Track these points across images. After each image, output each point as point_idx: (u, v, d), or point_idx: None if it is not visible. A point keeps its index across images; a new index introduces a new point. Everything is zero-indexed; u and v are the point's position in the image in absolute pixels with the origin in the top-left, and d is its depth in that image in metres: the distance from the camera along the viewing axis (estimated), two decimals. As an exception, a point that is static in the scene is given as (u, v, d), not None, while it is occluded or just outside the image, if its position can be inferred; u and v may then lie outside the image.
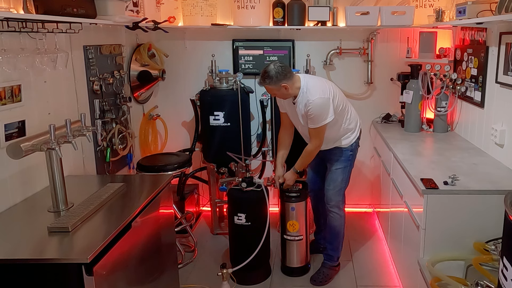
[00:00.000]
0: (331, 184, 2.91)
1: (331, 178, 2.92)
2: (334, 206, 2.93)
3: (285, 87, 2.59)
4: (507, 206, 1.47)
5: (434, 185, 2.19)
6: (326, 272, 3.00)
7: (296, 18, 3.51)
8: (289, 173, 2.92)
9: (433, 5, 3.35)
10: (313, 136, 2.72)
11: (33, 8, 2.00)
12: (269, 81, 2.58)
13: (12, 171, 2.00)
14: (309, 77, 2.76)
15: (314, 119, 2.62)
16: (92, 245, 1.58)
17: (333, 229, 2.98)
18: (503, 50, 2.52)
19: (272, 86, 2.59)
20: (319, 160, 2.97)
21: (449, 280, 1.91)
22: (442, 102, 3.33)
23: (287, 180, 2.92)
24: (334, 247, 3.02)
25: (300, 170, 2.89)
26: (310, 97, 2.59)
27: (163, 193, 2.28)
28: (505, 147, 2.54)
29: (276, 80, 2.56)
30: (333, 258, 3.03)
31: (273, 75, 2.56)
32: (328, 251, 3.04)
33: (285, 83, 2.58)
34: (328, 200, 2.94)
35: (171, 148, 3.76)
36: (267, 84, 2.60)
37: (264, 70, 2.60)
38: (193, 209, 3.84)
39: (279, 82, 2.57)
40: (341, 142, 2.85)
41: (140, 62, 3.44)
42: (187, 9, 3.49)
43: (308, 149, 2.79)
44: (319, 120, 2.63)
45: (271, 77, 2.56)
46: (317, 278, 2.97)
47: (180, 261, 3.16)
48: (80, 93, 2.62)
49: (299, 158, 2.84)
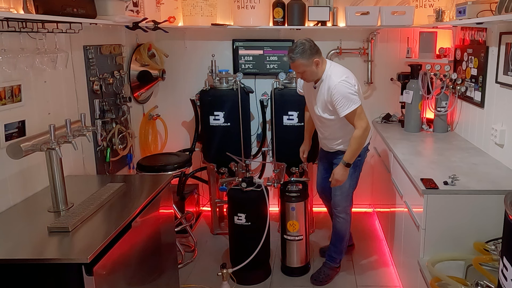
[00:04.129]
0: (338, 189, 2.84)
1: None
2: (342, 212, 2.89)
3: (317, 63, 2.52)
4: (507, 206, 1.46)
5: (434, 185, 2.19)
6: (327, 272, 2.99)
7: (296, 18, 3.51)
8: (339, 168, 2.66)
9: (433, 5, 3.35)
10: (355, 119, 2.54)
11: (33, 8, 2.00)
12: (302, 55, 2.47)
13: (12, 171, 2.00)
14: (334, 63, 2.70)
15: (343, 102, 2.49)
16: (92, 245, 1.58)
17: (339, 233, 2.96)
18: (503, 50, 2.52)
19: (304, 60, 2.49)
20: (328, 164, 2.95)
21: (449, 280, 1.91)
22: (442, 102, 3.33)
23: (338, 176, 2.66)
24: (338, 250, 3.00)
25: (351, 162, 2.64)
26: (333, 80, 2.52)
27: (163, 193, 2.28)
28: (505, 147, 2.54)
29: (310, 54, 2.49)
30: (336, 260, 3.02)
31: (308, 48, 2.48)
32: (331, 253, 3.02)
33: (317, 58, 2.52)
34: (336, 205, 2.90)
35: (171, 148, 3.76)
36: (299, 58, 2.48)
37: (296, 44, 2.51)
38: (193, 209, 3.84)
39: (312, 57, 2.50)
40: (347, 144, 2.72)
41: (140, 62, 3.44)
42: (187, 9, 3.49)
43: (355, 135, 2.56)
44: (349, 101, 2.49)
45: (305, 50, 2.47)
46: (317, 278, 2.97)
47: (180, 261, 3.16)
48: (80, 93, 2.62)
49: (347, 149, 2.64)
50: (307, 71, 2.55)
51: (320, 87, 2.62)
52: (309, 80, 2.63)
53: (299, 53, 2.49)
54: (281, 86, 3.45)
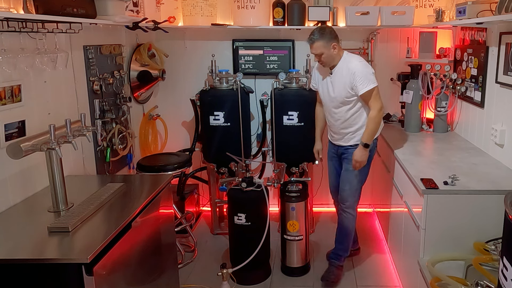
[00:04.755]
0: (347, 184, 2.87)
1: (347, 178, 2.87)
2: (349, 207, 2.90)
3: (334, 47, 2.66)
4: (507, 206, 1.47)
5: (434, 185, 2.19)
6: (335, 272, 2.97)
7: (296, 18, 3.51)
8: (358, 149, 2.74)
9: (433, 5, 3.35)
10: (371, 100, 2.67)
11: (33, 8, 2.00)
12: (323, 36, 2.63)
13: (12, 171, 2.00)
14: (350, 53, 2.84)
15: (363, 79, 2.63)
16: (92, 245, 1.58)
17: (345, 230, 2.95)
18: (503, 50, 2.52)
19: (324, 42, 2.63)
20: (340, 162, 2.96)
21: (449, 280, 1.91)
22: (442, 102, 3.33)
23: (358, 157, 2.73)
24: (344, 247, 2.99)
25: (369, 142, 2.71)
26: (353, 62, 2.68)
27: (163, 193, 2.28)
28: (505, 147, 2.54)
29: (329, 38, 2.64)
30: (341, 258, 3.01)
31: (328, 32, 2.65)
32: (337, 251, 3.00)
33: (335, 43, 2.66)
34: (344, 201, 2.90)
35: (171, 148, 3.76)
36: (319, 40, 2.64)
37: (319, 27, 2.71)
38: (193, 209, 3.84)
39: (331, 41, 2.65)
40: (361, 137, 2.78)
41: (140, 62, 3.44)
42: (187, 9, 3.49)
43: (371, 115, 2.70)
44: (368, 80, 2.64)
45: (326, 33, 2.64)
46: (329, 278, 2.94)
47: (180, 261, 3.16)
48: (80, 93, 2.62)
49: (364, 130, 2.73)
50: (325, 54, 2.67)
51: (337, 72, 2.74)
52: (326, 64, 2.74)
53: (319, 35, 2.64)
54: (281, 86, 3.45)
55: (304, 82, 3.45)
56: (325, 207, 4.05)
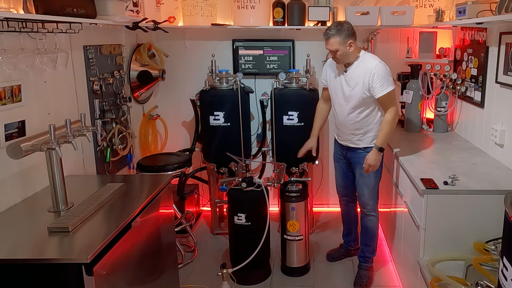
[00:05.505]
0: (365, 189, 2.81)
1: (364, 183, 2.81)
2: (372, 210, 2.87)
3: (350, 45, 2.56)
4: (507, 206, 1.47)
5: (434, 185, 2.19)
6: (367, 275, 2.96)
7: (296, 18, 3.51)
8: (372, 153, 2.66)
9: (433, 5, 3.35)
10: (388, 103, 2.60)
11: (33, 8, 2.00)
12: (339, 33, 2.53)
13: (12, 171, 2.00)
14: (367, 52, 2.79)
15: (383, 81, 2.55)
16: (92, 245, 1.58)
17: (371, 231, 2.93)
18: (503, 50, 2.52)
19: (341, 39, 2.53)
20: (347, 163, 2.92)
21: (449, 280, 1.91)
22: (442, 102, 3.33)
23: (371, 161, 2.66)
24: (371, 249, 2.98)
25: (384, 146, 2.66)
26: (372, 62, 2.60)
27: (163, 193, 2.28)
28: (505, 147, 2.54)
29: (347, 35, 2.54)
30: (370, 259, 3.00)
31: (346, 28, 2.55)
32: (365, 253, 2.98)
33: (352, 41, 2.57)
34: (365, 205, 2.87)
35: (171, 148, 3.76)
36: (335, 36, 2.53)
37: (336, 22, 2.60)
38: (193, 209, 3.84)
39: (348, 38, 2.55)
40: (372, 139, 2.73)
41: (140, 62, 3.44)
42: (187, 9, 3.49)
43: (387, 119, 2.62)
44: (386, 83, 2.56)
45: (343, 30, 2.54)
46: (362, 282, 2.92)
47: (180, 261, 3.16)
48: (80, 93, 2.62)
49: (379, 133, 2.67)
50: (340, 51, 2.57)
51: (352, 71, 2.64)
52: (341, 61, 2.64)
53: (335, 31, 2.54)
54: (281, 86, 3.44)
55: (304, 82, 3.44)
56: (325, 207, 4.05)
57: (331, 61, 2.80)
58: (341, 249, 3.28)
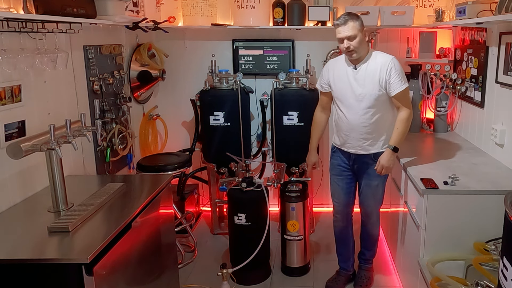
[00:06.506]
0: (372, 200, 2.69)
1: (372, 194, 2.67)
2: (377, 220, 2.80)
3: (365, 34, 2.43)
4: (507, 206, 1.47)
5: (434, 185, 2.19)
6: (368, 275, 2.95)
7: (296, 18, 3.51)
8: (386, 154, 2.49)
9: (433, 5, 3.35)
10: (403, 101, 2.46)
11: (33, 8, 2.00)
12: (356, 18, 2.39)
13: (12, 171, 2.00)
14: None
15: (401, 76, 2.42)
16: (92, 245, 1.58)
17: (374, 237, 2.89)
18: (503, 50, 2.52)
19: (358, 25, 2.38)
20: (351, 175, 2.72)
21: (449, 280, 1.91)
22: (442, 102, 3.33)
23: (385, 162, 2.48)
24: (373, 252, 2.96)
25: (398, 146, 2.49)
26: (387, 56, 2.46)
27: (163, 193, 2.27)
28: (505, 147, 2.54)
29: (362, 23, 2.40)
30: (370, 261, 2.99)
31: (360, 18, 2.42)
32: (366, 256, 2.96)
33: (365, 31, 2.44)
34: (371, 215, 2.77)
35: (171, 148, 3.76)
36: (354, 20, 2.38)
37: (347, 12, 2.45)
38: (193, 209, 3.84)
39: (363, 26, 2.41)
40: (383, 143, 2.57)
41: (140, 62, 3.44)
42: (187, 9, 3.49)
43: (402, 117, 2.47)
44: (404, 78, 2.44)
45: (359, 18, 2.41)
46: (362, 283, 2.91)
47: (180, 261, 3.16)
48: (80, 93, 2.62)
49: (393, 132, 2.51)
50: (358, 38, 2.39)
51: (363, 67, 2.47)
52: (355, 52, 2.42)
53: (351, 17, 2.40)
54: (281, 86, 3.45)
55: (304, 82, 3.45)
56: (325, 207, 4.05)
57: (332, 63, 2.66)
58: (340, 276, 2.95)
